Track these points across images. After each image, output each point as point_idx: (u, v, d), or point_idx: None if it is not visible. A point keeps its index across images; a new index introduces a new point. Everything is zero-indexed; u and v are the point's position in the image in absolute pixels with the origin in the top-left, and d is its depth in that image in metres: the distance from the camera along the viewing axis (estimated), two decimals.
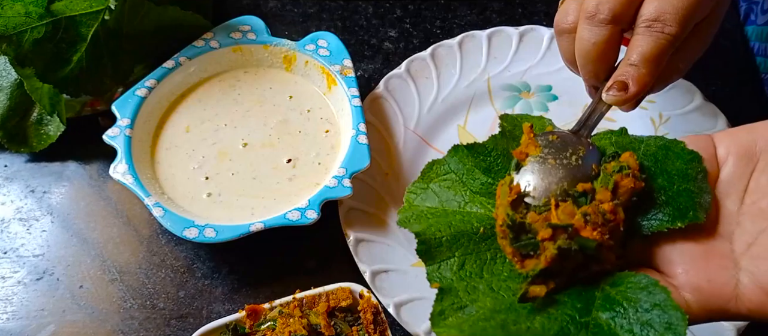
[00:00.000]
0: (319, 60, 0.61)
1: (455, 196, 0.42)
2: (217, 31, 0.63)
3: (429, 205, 0.42)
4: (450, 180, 0.43)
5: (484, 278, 0.38)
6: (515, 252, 0.37)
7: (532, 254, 0.37)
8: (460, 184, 0.43)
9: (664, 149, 0.39)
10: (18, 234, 0.57)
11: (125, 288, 0.54)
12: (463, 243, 0.40)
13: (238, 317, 0.47)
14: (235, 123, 0.60)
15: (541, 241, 0.36)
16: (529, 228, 0.37)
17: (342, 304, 0.47)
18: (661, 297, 0.34)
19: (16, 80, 0.59)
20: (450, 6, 0.73)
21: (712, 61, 0.67)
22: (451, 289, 0.38)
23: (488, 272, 0.39)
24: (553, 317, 0.35)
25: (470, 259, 0.39)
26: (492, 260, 0.39)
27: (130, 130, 0.56)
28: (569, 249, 0.35)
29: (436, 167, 0.44)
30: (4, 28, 0.54)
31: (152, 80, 0.59)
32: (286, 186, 0.56)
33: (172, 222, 0.51)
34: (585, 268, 0.37)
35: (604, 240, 0.36)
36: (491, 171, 0.43)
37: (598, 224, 0.36)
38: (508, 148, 0.43)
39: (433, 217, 0.41)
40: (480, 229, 0.40)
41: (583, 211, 0.36)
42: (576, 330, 0.34)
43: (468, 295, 0.38)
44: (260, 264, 0.55)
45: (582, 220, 0.36)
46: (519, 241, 0.37)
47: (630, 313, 0.34)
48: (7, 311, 0.53)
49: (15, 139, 0.60)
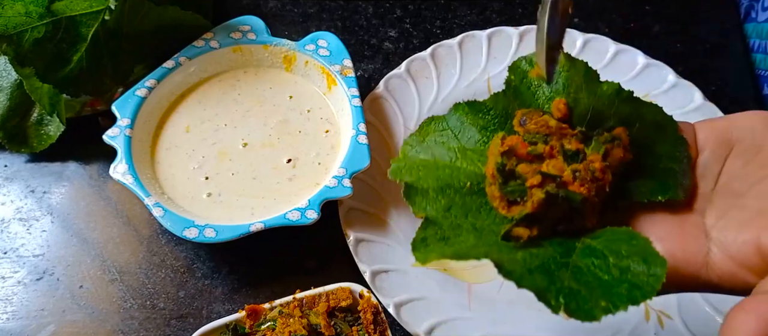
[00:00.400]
0: (319, 60, 0.61)
1: (448, 151, 0.43)
2: (217, 31, 0.63)
3: (422, 157, 0.43)
4: (446, 135, 0.44)
5: (469, 220, 0.40)
6: (503, 197, 0.38)
7: (518, 200, 0.38)
8: (454, 139, 0.44)
9: (658, 128, 0.41)
10: (18, 234, 0.57)
11: (125, 288, 0.54)
12: (448, 194, 0.41)
13: (238, 317, 0.47)
14: (235, 123, 0.60)
15: (529, 188, 0.37)
16: (517, 175, 0.39)
17: (342, 304, 0.47)
18: (642, 244, 0.35)
19: (16, 80, 0.59)
20: (450, 6, 0.73)
21: (712, 61, 0.67)
22: (436, 221, 0.40)
23: (473, 217, 0.40)
24: (534, 254, 0.36)
25: (456, 206, 0.41)
26: (477, 210, 0.40)
27: (130, 130, 0.56)
28: (556, 196, 0.37)
29: (434, 123, 0.45)
30: (5, 27, 0.54)
31: (152, 80, 0.59)
32: (286, 186, 0.56)
33: (172, 222, 0.51)
34: (567, 222, 0.38)
35: (590, 196, 0.37)
36: (487, 129, 0.44)
37: (587, 180, 0.37)
38: (508, 109, 0.44)
39: (424, 169, 0.42)
40: (467, 183, 0.41)
41: (573, 167, 0.38)
42: (556, 268, 0.35)
43: (452, 230, 0.39)
44: (260, 264, 0.55)
45: (571, 175, 0.37)
46: (507, 186, 0.38)
47: (610, 259, 0.35)
48: (7, 311, 0.53)
49: (15, 140, 0.60)
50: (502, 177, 0.39)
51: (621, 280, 0.33)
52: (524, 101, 0.44)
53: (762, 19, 0.66)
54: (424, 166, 0.43)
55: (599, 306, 0.33)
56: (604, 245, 0.36)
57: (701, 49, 0.68)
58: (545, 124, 0.41)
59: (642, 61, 0.63)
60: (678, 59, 0.65)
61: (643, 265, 0.34)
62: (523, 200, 0.38)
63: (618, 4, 0.72)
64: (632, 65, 0.63)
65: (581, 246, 0.36)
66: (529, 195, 0.37)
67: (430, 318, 0.50)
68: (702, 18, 0.71)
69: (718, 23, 0.70)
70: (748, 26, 0.68)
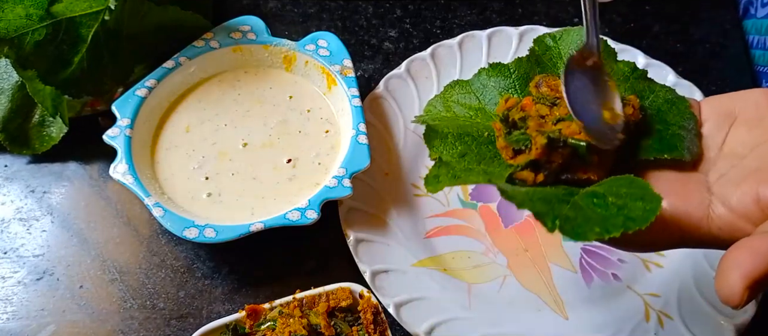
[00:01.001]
0: (319, 60, 0.61)
1: (468, 110, 0.46)
2: (217, 31, 0.63)
3: (445, 114, 0.46)
4: (468, 97, 0.47)
5: (481, 167, 0.41)
6: (508, 146, 0.40)
7: (522, 149, 0.40)
8: (476, 100, 0.46)
9: (670, 103, 0.43)
10: (18, 234, 0.57)
11: (125, 288, 0.54)
12: (466, 141, 0.43)
13: (238, 317, 0.47)
14: (235, 123, 0.60)
15: (532, 136, 0.39)
16: (520, 125, 0.40)
17: (342, 304, 0.47)
18: (641, 185, 0.37)
19: (18, 82, 0.59)
20: (450, 6, 0.73)
21: (712, 61, 0.67)
22: (450, 163, 0.42)
23: (485, 164, 0.42)
24: (538, 191, 0.37)
25: (471, 153, 0.43)
26: (490, 159, 0.42)
27: (130, 130, 0.56)
28: (557, 140, 0.38)
29: (458, 85, 0.47)
30: (6, 31, 0.54)
31: (152, 80, 0.59)
32: (286, 186, 0.56)
33: (172, 222, 0.51)
34: (571, 171, 0.39)
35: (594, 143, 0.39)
36: (507, 90, 0.46)
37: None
38: (529, 73, 0.46)
39: (445, 120, 0.45)
40: (485, 133, 0.43)
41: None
42: (557, 202, 0.36)
43: (464, 172, 0.41)
44: (260, 264, 0.55)
45: (577, 128, 0.39)
46: (511, 135, 0.40)
47: (609, 199, 0.36)
48: (7, 311, 0.53)
49: (17, 141, 0.60)
50: (507, 127, 0.41)
51: (617, 214, 0.35)
52: (545, 69, 0.46)
53: (761, 15, 0.66)
54: (446, 118, 0.45)
55: (593, 230, 0.34)
56: (606, 189, 0.37)
57: (701, 49, 0.68)
58: (557, 88, 0.43)
59: (642, 61, 0.63)
60: (678, 59, 0.65)
61: (639, 202, 0.35)
62: (527, 148, 0.39)
63: (618, 4, 0.72)
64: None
65: (584, 192, 0.38)
66: (533, 142, 0.39)
67: (430, 318, 0.50)
68: (702, 18, 0.71)
69: (718, 23, 0.70)
70: (747, 22, 0.68)
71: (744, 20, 0.69)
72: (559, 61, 0.46)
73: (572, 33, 0.47)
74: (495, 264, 0.54)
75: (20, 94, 0.60)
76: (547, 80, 0.43)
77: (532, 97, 0.42)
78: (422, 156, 0.60)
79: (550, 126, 0.40)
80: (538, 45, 0.47)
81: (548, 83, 0.43)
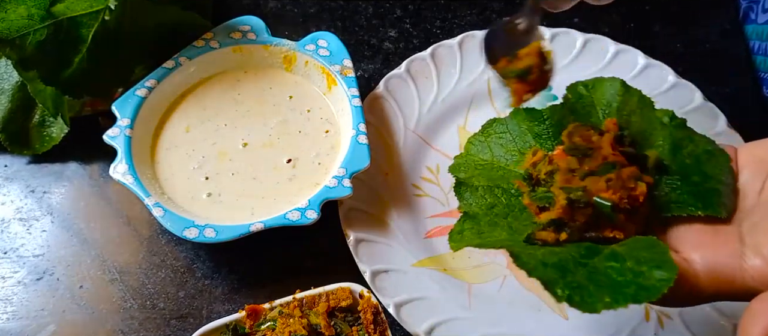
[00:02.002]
0: (319, 60, 0.61)
1: (506, 153, 0.47)
2: (217, 31, 0.63)
3: (482, 157, 0.47)
4: (505, 138, 0.47)
5: (507, 221, 0.42)
6: (532, 204, 0.41)
7: (547, 206, 0.40)
8: (513, 143, 0.47)
9: (709, 155, 0.42)
10: (18, 234, 0.57)
11: (125, 288, 0.54)
12: (496, 193, 0.44)
13: (238, 317, 0.47)
14: (235, 123, 0.60)
15: (555, 194, 0.39)
16: (544, 182, 0.40)
17: (342, 304, 0.47)
18: (661, 251, 0.36)
19: (18, 83, 0.59)
20: (450, 6, 0.73)
21: (712, 61, 0.67)
22: (476, 217, 0.42)
23: (512, 218, 0.42)
24: (555, 253, 0.37)
25: (500, 205, 0.43)
26: (518, 212, 0.42)
27: (130, 130, 0.56)
28: (578, 201, 0.38)
29: (495, 124, 0.48)
30: (8, 31, 0.54)
31: (152, 80, 0.59)
32: (286, 186, 0.56)
33: (172, 222, 0.51)
34: (597, 229, 0.39)
35: (621, 202, 0.38)
36: (541, 137, 0.46)
37: (618, 188, 0.39)
38: (563, 120, 0.46)
39: (480, 168, 0.46)
40: (515, 185, 0.43)
41: (607, 177, 0.39)
42: (573, 267, 0.35)
43: (488, 227, 0.41)
44: (260, 264, 0.55)
45: (604, 183, 0.39)
46: (535, 192, 0.40)
47: (628, 263, 0.35)
48: (7, 311, 0.53)
49: (17, 142, 0.60)
50: (530, 184, 0.41)
51: (632, 282, 0.34)
52: (579, 118, 0.46)
53: (762, 20, 0.66)
54: (481, 165, 0.46)
55: (603, 301, 0.33)
56: (627, 251, 0.36)
57: (701, 49, 0.68)
58: (589, 138, 0.42)
59: (642, 61, 0.63)
60: (678, 59, 0.65)
61: (655, 270, 0.34)
62: (550, 206, 0.39)
63: (618, 4, 0.72)
64: (632, 65, 0.63)
65: (606, 252, 0.37)
66: (555, 201, 0.39)
67: (430, 318, 0.50)
68: (702, 18, 0.71)
69: (718, 23, 0.70)
70: (748, 28, 0.68)
71: (745, 25, 0.69)
72: (592, 110, 0.46)
73: (606, 83, 0.47)
74: (495, 264, 0.54)
75: (21, 95, 0.60)
76: (580, 130, 0.43)
77: (564, 147, 0.42)
78: (422, 156, 0.60)
79: (577, 182, 0.39)
80: (572, 93, 0.47)
81: (581, 133, 0.43)
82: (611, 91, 0.46)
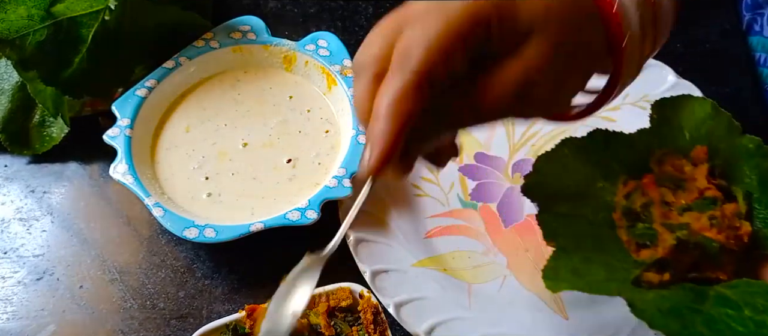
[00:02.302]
0: (319, 60, 0.61)
1: (585, 178, 0.43)
2: (217, 31, 0.63)
3: (556, 178, 0.43)
4: (581, 160, 0.44)
5: (600, 255, 0.39)
6: (631, 240, 0.38)
7: (648, 244, 0.37)
8: (591, 166, 0.43)
9: None
10: (18, 234, 0.57)
11: (125, 288, 0.54)
12: (581, 223, 0.41)
13: (238, 317, 0.47)
14: (235, 123, 0.60)
15: (659, 232, 0.37)
16: (644, 217, 0.38)
17: (342, 304, 0.47)
18: None
19: (18, 83, 0.59)
20: None
21: (712, 62, 0.67)
22: (568, 252, 0.39)
23: (603, 252, 0.39)
24: (665, 297, 0.35)
25: (587, 237, 0.40)
26: (608, 244, 0.40)
27: (130, 130, 0.56)
28: (688, 242, 0.36)
29: (570, 144, 0.45)
30: (8, 31, 0.54)
31: (152, 80, 0.59)
32: (286, 186, 0.56)
33: (172, 222, 0.51)
34: (699, 269, 0.37)
35: (727, 242, 0.36)
36: (626, 163, 0.43)
37: (724, 227, 0.37)
38: (650, 145, 0.43)
39: (557, 192, 0.42)
40: (600, 214, 0.41)
41: (711, 214, 0.37)
42: (689, 313, 0.34)
43: (582, 263, 0.38)
44: (260, 264, 0.55)
45: (707, 222, 0.37)
46: (635, 229, 0.38)
47: (745, 311, 0.34)
48: (7, 311, 0.53)
49: (17, 142, 0.60)
50: (629, 220, 0.39)
51: (755, 334, 0.33)
52: (665, 143, 0.43)
53: None
54: (557, 188, 0.42)
55: None
56: (740, 297, 0.35)
57: (701, 49, 0.68)
58: (681, 168, 0.40)
59: None
60: (678, 59, 0.65)
61: None
62: (653, 244, 0.37)
63: None
64: None
65: (714, 294, 0.35)
66: (660, 240, 0.37)
67: (430, 318, 0.50)
68: (702, 18, 0.71)
69: (718, 23, 0.70)
70: (752, 39, 0.67)
71: (749, 36, 0.68)
72: (679, 133, 0.43)
73: (695, 104, 0.44)
74: (495, 264, 0.54)
75: (21, 95, 0.60)
76: (670, 158, 0.41)
77: (653, 176, 0.40)
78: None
79: (676, 217, 0.38)
80: (657, 112, 0.44)
81: (672, 161, 0.41)
82: (700, 113, 0.44)
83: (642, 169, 0.42)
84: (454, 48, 0.31)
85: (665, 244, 0.36)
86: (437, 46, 0.31)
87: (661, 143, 0.43)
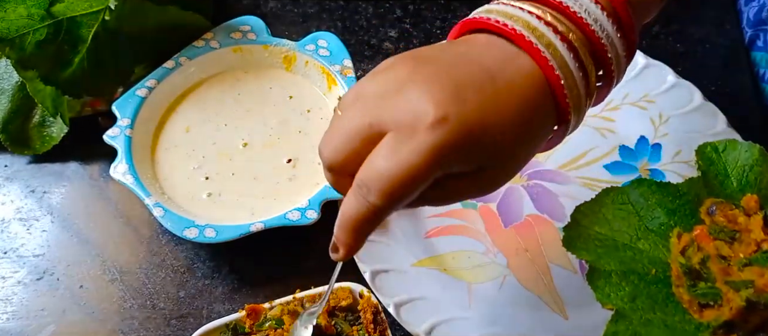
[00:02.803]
0: (319, 60, 0.61)
1: (628, 228, 0.41)
2: (217, 31, 0.63)
3: (598, 230, 0.42)
4: (626, 211, 0.42)
5: (658, 315, 0.38)
6: (692, 300, 0.36)
7: (711, 304, 0.36)
8: (636, 217, 0.42)
9: None
10: (18, 234, 0.57)
11: (125, 288, 0.54)
12: (633, 281, 0.39)
13: (238, 317, 0.47)
14: (235, 123, 0.60)
15: (723, 291, 0.35)
16: (706, 275, 0.36)
17: (342, 304, 0.47)
18: None
19: (18, 82, 0.59)
20: (450, 6, 0.73)
21: (712, 61, 0.67)
22: (626, 315, 0.38)
23: (661, 311, 0.38)
24: None
25: (641, 296, 0.38)
26: (663, 302, 0.38)
27: (130, 130, 0.56)
28: (758, 302, 0.35)
29: (612, 194, 0.43)
30: (7, 31, 0.54)
31: (152, 80, 0.59)
32: (286, 186, 0.56)
33: (172, 222, 0.51)
34: (766, 329, 0.36)
35: None
36: (675, 213, 0.41)
37: None
38: (699, 194, 0.41)
39: (601, 247, 0.40)
40: (652, 270, 0.39)
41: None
42: None
43: (643, 326, 0.37)
44: (260, 264, 0.55)
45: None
46: (697, 288, 0.36)
47: None
48: (7, 311, 0.53)
49: (18, 142, 0.60)
50: (690, 279, 0.37)
51: None
52: (713, 190, 0.42)
53: None
54: (601, 242, 0.41)
55: None
56: None
57: (701, 49, 0.68)
58: (735, 219, 0.39)
59: (642, 61, 0.63)
60: (678, 59, 0.65)
61: None
62: (716, 304, 0.36)
63: None
64: (632, 65, 0.63)
65: None
66: (725, 300, 0.35)
67: (430, 318, 0.50)
68: (702, 18, 0.71)
69: (718, 23, 0.70)
70: (755, 55, 0.67)
71: (752, 52, 0.68)
72: (726, 180, 0.42)
73: (741, 148, 0.43)
74: (495, 264, 0.54)
75: (21, 95, 0.60)
76: (721, 208, 0.40)
77: (706, 228, 0.39)
78: None
79: (736, 273, 0.36)
80: (701, 156, 0.43)
81: (724, 212, 0.39)
82: (746, 157, 0.42)
83: (691, 220, 0.41)
84: (416, 185, 0.33)
85: (732, 304, 0.35)
86: (401, 183, 0.33)
87: (709, 192, 0.42)
